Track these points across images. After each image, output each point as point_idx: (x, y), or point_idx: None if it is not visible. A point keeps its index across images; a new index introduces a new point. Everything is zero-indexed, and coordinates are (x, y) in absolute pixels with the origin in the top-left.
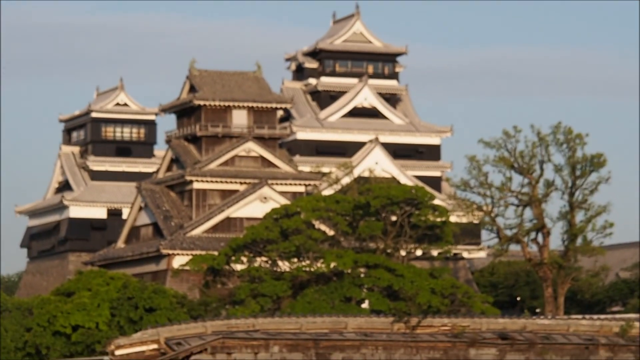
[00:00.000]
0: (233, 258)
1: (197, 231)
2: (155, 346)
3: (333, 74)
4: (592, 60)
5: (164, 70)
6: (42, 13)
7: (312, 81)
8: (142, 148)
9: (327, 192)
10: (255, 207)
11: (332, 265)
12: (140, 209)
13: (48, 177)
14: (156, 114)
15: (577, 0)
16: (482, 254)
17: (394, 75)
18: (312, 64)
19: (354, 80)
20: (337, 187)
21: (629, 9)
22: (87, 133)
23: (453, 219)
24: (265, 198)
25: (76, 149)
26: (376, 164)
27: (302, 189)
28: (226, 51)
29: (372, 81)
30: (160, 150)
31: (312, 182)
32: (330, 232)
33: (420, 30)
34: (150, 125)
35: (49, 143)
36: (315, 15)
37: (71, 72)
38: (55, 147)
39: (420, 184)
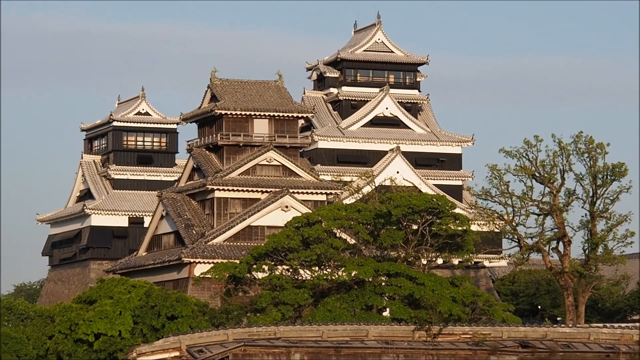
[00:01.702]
0: (254, 266)
1: (219, 239)
2: (177, 354)
3: (354, 83)
4: (613, 70)
5: (186, 80)
6: (64, 22)
7: (334, 90)
8: (164, 157)
9: (348, 200)
10: (276, 216)
11: (353, 273)
12: (162, 217)
13: (70, 185)
14: (177, 123)
15: (597, 11)
16: (503, 263)
17: (415, 85)
18: (333, 74)
19: (375, 90)
20: (359, 196)
21: None
22: (109, 142)
23: (474, 227)
24: (286, 207)
25: (98, 158)
26: (397, 173)
27: (323, 197)
28: (247, 60)
29: (393, 90)
30: (182, 159)
31: (333, 191)
32: (352, 241)
33: (441, 40)
34: (172, 134)
35: (70, 152)
36: (336, 25)
37: (93, 81)
38: (77, 156)
39: (442, 193)
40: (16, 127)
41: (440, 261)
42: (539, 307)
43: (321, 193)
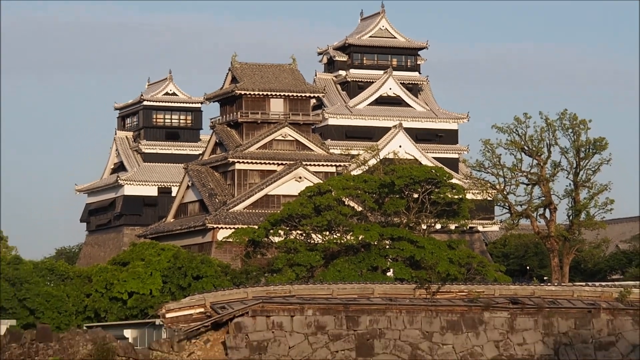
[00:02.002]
0: (271, 231)
1: (239, 207)
2: (201, 310)
3: (361, 66)
4: (595, 55)
5: (209, 64)
6: (101, 13)
7: (342, 73)
8: (189, 133)
9: (355, 172)
10: (291, 186)
11: (360, 237)
12: (188, 187)
13: (105, 159)
14: (201, 102)
15: (580, 1)
16: (495, 228)
17: (415, 68)
18: (342, 58)
19: (380, 72)
20: (365, 167)
21: (626, 9)
22: (140, 119)
23: (469, 196)
24: (300, 178)
25: (130, 134)
26: (400, 147)
27: (333, 169)
28: (264, 46)
29: (396, 73)
30: (206, 135)
31: (342, 164)
32: (359, 208)
33: (440, 27)
34: (197, 113)
35: (105, 129)
36: (344, 14)
37: (126, 65)
38: (111, 132)
39: (440, 165)
40: (59, 107)
41: (438, 226)
42: (528, 267)
43: (331, 165)
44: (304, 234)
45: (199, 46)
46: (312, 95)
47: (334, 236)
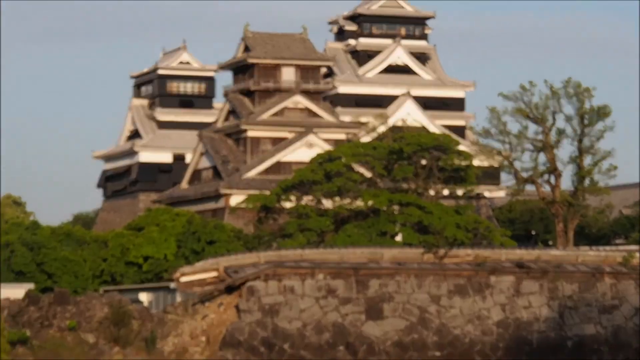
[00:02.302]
0: (283, 197)
1: (251, 173)
2: (215, 274)
3: (370, 35)
4: (599, 24)
5: (222, 33)
6: None
7: (352, 42)
8: (203, 101)
9: (365, 139)
10: (302, 153)
11: (370, 203)
12: (202, 154)
13: (121, 126)
14: (215, 71)
15: None
16: (501, 194)
17: (423, 37)
18: (351, 27)
19: (389, 41)
20: (374, 135)
21: None
22: (155, 88)
23: (476, 162)
24: (310, 144)
25: (145, 102)
26: (408, 114)
27: (343, 136)
28: (276, 16)
29: (404, 42)
30: (219, 102)
31: (352, 131)
32: (368, 175)
33: None
34: (210, 81)
35: (121, 96)
36: None
37: (141, 35)
38: (126, 100)
39: (447, 132)
40: (77, 76)
41: (446, 192)
42: (533, 232)
43: (341, 132)
44: (315, 200)
45: (212, 16)
46: (322, 64)
47: (344, 202)
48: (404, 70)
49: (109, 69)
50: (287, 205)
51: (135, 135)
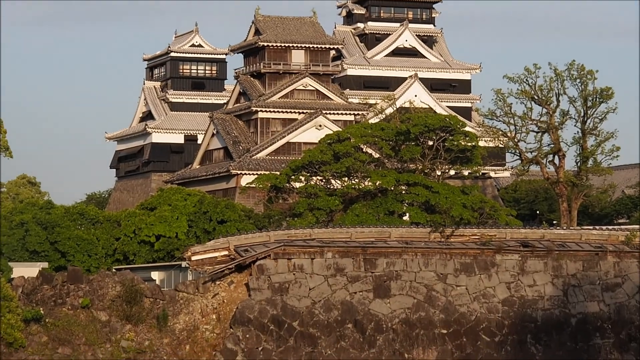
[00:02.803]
0: (292, 177)
1: (262, 154)
2: (225, 252)
3: (378, 19)
4: (603, 8)
5: (233, 16)
6: None
7: (360, 25)
8: (214, 83)
9: (373, 120)
10: (311, 134)
11: (378, 183)
12: (213, 135)
13: (133, 108)
14: (226, 54)
15: None
16: (506, 174)
17: (430, 20)
18: (360, 11)
19: (396, 25)
20: (382, 116)
21: None
22: (167, 70)
23: (481, 143)
24: (320, 126)
25: (158, 84)
26: (415, 96)
27: (351, 118)
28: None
29: (411, 25)
30: (230, 85)
31: (360, 112)
32: (376, 155)
33: None
34: (221, 63)
35: (134, 79)
36: None
37: (153, 18)
38: (139, 82)
39: (453, 113)
40: (90, 58)
41: (452, 172)
42: (538, 212)
43: (350, 114)
44: (324, 180)
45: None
46: (331, 46)
47: (353, 182)
48: (412, 53)
49: (122, 52)
50: (297, 185)
51: (148, 116)
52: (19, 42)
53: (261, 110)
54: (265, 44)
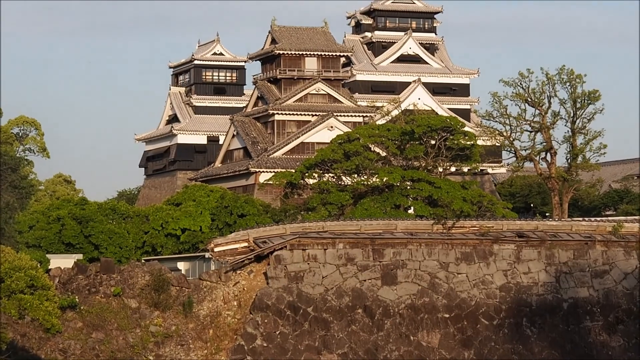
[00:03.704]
0: (306, 174)
1: (278, 153)
2: (245, 244)
3: (384, 28)
4: (591, 17)
5: (251, 27)
6: None
7: (368, 34)
8: (234, 88)
9: (380, 122)
10: (323, 134)
11: (384, 179)
12: (233, 136)
13: (160, 111)
14: (245, 61)
15: None
16: (502, 170)
17: (432, 29)
18: (368, 21)
19: (401, 33)
20: (388, 118)
21: None
22: (191, 77)
23: (479, 142)
24: (331, 127)
25: (182, 89)
26: (419, 99)
27: (360, 119)
28: (300, 11)
29: (415, 34)
30: (249, 90)
31: (368, 114)
32: (383, 154)
33: None
34: (241, 70)
35: (161, 85)
36: None
37: (179, 29)
38: (166, 88)
39: (454, 115)
40: (122, 66)
41: (453, 169)
42: (532, 205)
43: (359, 116)
44: (335, 177)
45: (242, 11)
46: (341, 54)
47: (362, 178)
48: (415, 59)
49: (150, 60)
50: (310, 181)
51: (173, 119)
52: (58, 51)
53: (277, 113)
54: (281, 52)
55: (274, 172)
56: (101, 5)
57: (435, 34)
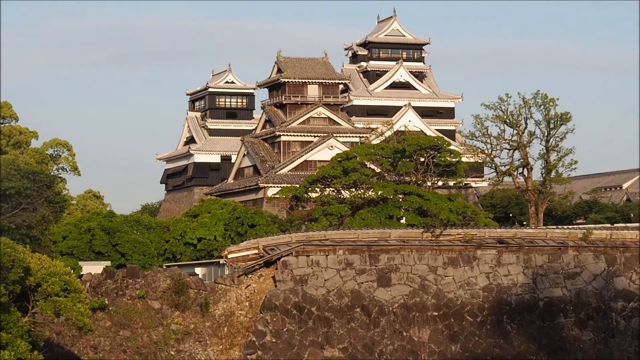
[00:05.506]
0: (309, 189)
1: (284, 170)
2: (256, 251)
3: (378, 58)
4: (562, 47)
5: (260, 58)
6: (177, 17)
7: (364, 64)
8: (245, 112)
9: (375, 141)
10: (324, 153)
11: (379, 193)
12: (244, 155)
13: (179, 134)
14: (254, 89)
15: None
16: (484, 184)
17: (421, 59)
18: (363, 52)
19: (393, 63)
20: (382, 138)
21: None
22: (206, 102)
23: (464, 159)
24: (331, 146)
25: (198, 114)
26: (409, 121)
27: (357, 140)
28: (303, 43)
29: (405, 63)
30: (257, 114)
31: (364, 135)
32: (378, 170)
33: (439, 26)
34: (250, 97)
35: (179, 110)
36: (364, 17)
37: (195, 60)
38: (183, 113)
39: (440, 135)
40: (144, 93)
41: (440, 183)
42: (511, 215)
43: (356, 136)
44: (335, 191)
45: (252, 44)
46: (340, 81)
47: (359, 192)
48: (405, 86)
49: (169, 88)
50: (313, 195)
51: (190, 140)
52: (88, 80)
53: (283, 134)
54: (286, 80)
55: (280, 187)
56: (127, 39)
57: (424, 63)
